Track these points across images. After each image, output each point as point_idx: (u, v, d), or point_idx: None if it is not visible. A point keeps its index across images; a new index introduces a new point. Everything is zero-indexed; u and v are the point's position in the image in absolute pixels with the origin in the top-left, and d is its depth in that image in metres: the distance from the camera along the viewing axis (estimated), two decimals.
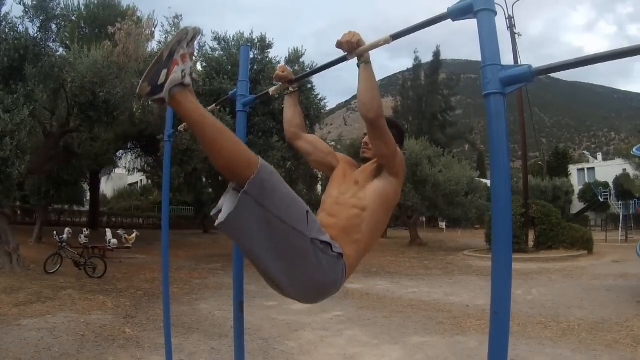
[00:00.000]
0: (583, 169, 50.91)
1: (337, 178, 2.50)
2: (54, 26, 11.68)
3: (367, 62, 2.07)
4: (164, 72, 1.63)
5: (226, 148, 1.69)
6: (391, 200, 2.28)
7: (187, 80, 1.70)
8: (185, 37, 1.71)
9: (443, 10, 1.61)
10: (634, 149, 16.56)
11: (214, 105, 3.20)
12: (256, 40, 17.11)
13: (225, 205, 1.72)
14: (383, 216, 2.28)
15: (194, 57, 1.73)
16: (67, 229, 12.41)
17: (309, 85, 17.81)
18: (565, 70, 1.38)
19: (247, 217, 1.68)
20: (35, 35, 11.14)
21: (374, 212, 2.22)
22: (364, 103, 2.06)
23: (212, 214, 1.84)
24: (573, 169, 51.28)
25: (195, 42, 1.79)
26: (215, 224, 1.72)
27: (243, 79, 2.87)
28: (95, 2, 15.63)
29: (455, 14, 1.52)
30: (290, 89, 2.60)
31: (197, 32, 1.76)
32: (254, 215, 1.68)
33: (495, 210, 1.37)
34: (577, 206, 45.19)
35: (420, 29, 1.75)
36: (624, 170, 41.61)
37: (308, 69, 15.85)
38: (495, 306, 1.36)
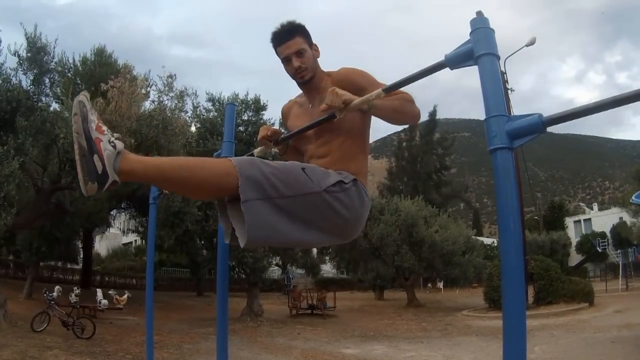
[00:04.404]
0: (579, 221, 50.78)
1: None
2: (47, 80, 11.68)
3: (371, 106, 1.92)
4: (96, 157, 1.54)
5: (200, 179, 1.63)
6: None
7: (119, 145, 1.61)
8: (85, 108, 1.62)
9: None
10: (633, 197, 16.44)
11: None
12: (250, 101, 17.01)
13: (237, 227, 1.69)
14: (368, 122, 2.22)
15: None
16: (57, 287, 12.06)
17: None
18: (578, 118, 1.21)
19: (262, 219, 1.63)
20: (28, 88, 11.12)
21: (358, 127, 2.16)
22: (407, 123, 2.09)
23: (226, 241, 1.87)
24: (569, 221, 51.17)
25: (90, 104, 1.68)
26: (242, 246, 1.67)
27: (228, 140, 2.68)
28: (92, 59, 15.67)
29: (454, 62, 1.37)
30: (275, 149, 2.44)
31: (86, 96, 1.67)
32: (265, 212, 1.64)
33: (506, 283, 1.18)
34: (575, 258, 44.69)
35: (416, 80, 1.63)
36: (621, 218, 41.24)
37: None
38: None
